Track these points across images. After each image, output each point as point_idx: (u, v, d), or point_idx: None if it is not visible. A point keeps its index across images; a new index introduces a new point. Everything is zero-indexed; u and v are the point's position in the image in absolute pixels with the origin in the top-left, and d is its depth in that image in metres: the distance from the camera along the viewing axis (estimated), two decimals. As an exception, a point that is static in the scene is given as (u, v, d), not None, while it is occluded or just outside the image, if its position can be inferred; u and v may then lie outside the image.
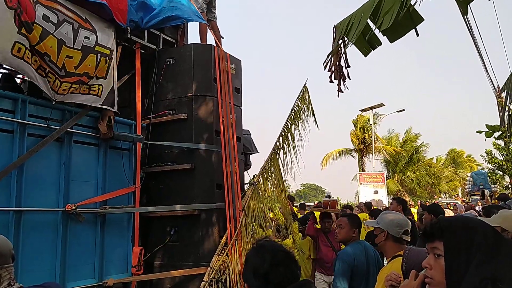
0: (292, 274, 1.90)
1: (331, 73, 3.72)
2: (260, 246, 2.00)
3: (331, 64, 3.68)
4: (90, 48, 4.83)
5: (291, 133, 6.74)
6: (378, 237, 3.17)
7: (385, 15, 2.96)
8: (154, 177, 5.85)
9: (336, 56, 3.62)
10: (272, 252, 1.93)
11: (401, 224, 3.13)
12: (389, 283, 2.43)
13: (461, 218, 1.56)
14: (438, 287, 1.48)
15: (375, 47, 3.73)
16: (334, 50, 3.60)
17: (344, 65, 3.67)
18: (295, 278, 1.90)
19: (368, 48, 3.73)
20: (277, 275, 1.86)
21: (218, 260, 5.32)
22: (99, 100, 5.07)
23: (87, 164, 5.08)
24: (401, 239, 3.10)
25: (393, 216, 3.24)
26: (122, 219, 5.43)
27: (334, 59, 3.65)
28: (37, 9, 4.21)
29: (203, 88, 5.90)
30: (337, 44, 3.55)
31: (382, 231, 3.14)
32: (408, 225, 3.18)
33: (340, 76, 3.70)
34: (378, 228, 3.17)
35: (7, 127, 4.30)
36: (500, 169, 23.36)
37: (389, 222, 3.13)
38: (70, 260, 4.72)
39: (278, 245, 2.04)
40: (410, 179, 33.39)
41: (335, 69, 3.67)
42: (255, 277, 1.88)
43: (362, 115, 31.83)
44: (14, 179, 4.28)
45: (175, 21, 5.94)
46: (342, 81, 3.73)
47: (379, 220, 3.20)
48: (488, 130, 5.76)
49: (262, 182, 6.23)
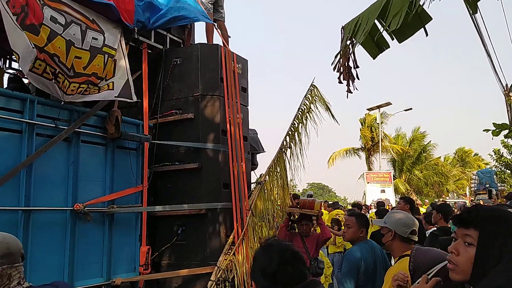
0: (300, 273, 1.89)
1: (340, 74, 3.71)
2: (268, 245, 2.00)
3: (339, 65, 3.67)
4: (98, 48, 4.86)
5: (298, 132, 6.73)
6: (385, 236, 3.17)
7: (394, 17, 2.95)
8: (161, 177, 5.88)
9: (344, 57, 3.61)
10: (280, 251, 1.92)
11: (409, 223, 3.12)
12: (396, 282, 2.43)
13: (502, 210, 1.49)
14: (460, 275, 1.44)
15: (383, 49, 3.72)
16: (342, 51, 3.59)
17: (353, 65, 3.66)
18: (302, 278, 1.89)
19: (376, 50, 3.72)
20: (285, 275, 1.85)
21: (225, 259, 5.33)
22: (114, 93, 5.09)
23: (95, 164, 5.11)
24: (409, 239, 3.10)
25: (401, 215, 3.23)
26: (130, 218, 5.46)
27: (342, 60, 3.64)
28: (44, 11, 4.24)
29: (209, 87, 5.91)
30: (345, 45, 3.55)
31: (389, 230, 3.13)
32: (415, 225, 3.17)
33: (349, 77, 3.69)
34: (385, 227, 3.17)
35: (15, 127, 4.34)
36: (508, 168, 23.15)
37: (397, 222, 3.13)
38: (78, 259, 4.75)
39: (286, 244, 2.03)
40: (417, 178, 33.23)
41: (344, 69, 3.66)
42: (263, 277, 1.89)
43: (370, 114, 31.75)
44: (23, 179, 4.32)
45: (181, 21, 5.95)
46: (351, 82, 3.72)
47: (387, 219, 3.20)
48: (496, 129, 5.71)
49: (269, 181, 6.23)
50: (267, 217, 5.91)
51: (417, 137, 35.16)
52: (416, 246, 2.60)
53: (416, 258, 2.32)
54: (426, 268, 2.15)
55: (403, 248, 3.03)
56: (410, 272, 2.35)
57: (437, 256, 2.19)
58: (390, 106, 28.23)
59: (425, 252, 2.35)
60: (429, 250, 2.42)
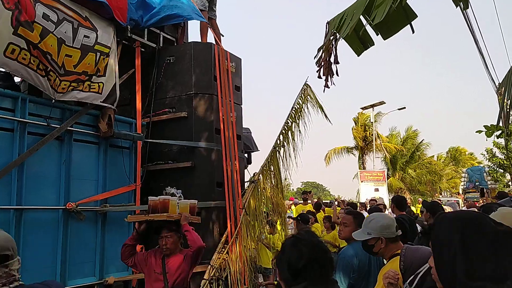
0: (326, 273, 1.84)
1: (320, 68, 3.71)
2: (298, 239, 1.92)
3: (321, 59, 3.67)
4: (90, 47, 4.84)
5: (291, 131, 6.74)
6: (376, 246, 3.09)
7: (377, 9, 2.95)
8: (155, 176, 5.85)
9: (326, 51, 3.61)
10: (311, 247, 1.86)
11: (391, 224, 3.10)
12: (387, 280, 2.43)
13: (452, 214, 1.50)
14: (439, 284, 1.45)
15: (368, 46, 3.72)
16: (325, 45, 3.59)
17: (334, 61, 3.66)
18: (327, 277, 1.84)
19: (361, 47, 3.72)
20: (311, 273, 1.80)
21: (218, 258, 5.33)
22: (101, 97, 5.07)
23: (88, 163, 5.09)
24: (397, 237, 3.10)
25: (380, 220, 3.15)
26: (123, 217, 5.43)
27: (324, 54, 3.64)
28: (37, 8, 4.21)
29: (203, 86, 5.90)
30: (328, 40, 3.55)
31: (378, 238, 3.10)
32: (394, 220, 3.17)
33: (329, 72, 3.69)
34: (372, 238, 3.13)
35: (7, 125, 4.31)
36: (501, 167, 23.32)
37: (381, 228, 3.08)
38: (70, 258, 4.73)
39: (318, 240, 1.95)
40: (411, 177, 33.36)
41: (325, 64, 3.66)
42: (288, 270, 1.83)
43: (363, 113, 31.83)
44: (15, 178, 4.30)
45: (175, 20, 5.93)
46: (330, 77, 3.73)
47: (369, 230, 3.11)
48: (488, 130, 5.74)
49: (262, 180, 6.23)
50: (260, 215, 5.91)
51: (410, 136, 35.30)
52: (406, 245, 2.59)
53: (406, 257, 2.32)
54: (416, 267, 2.15)
55: (394, 248, 3.03)
56: (401, 272, 2.35)
57: (427, 254, 2.19)
58: (384, 105, 28.36)
59: (415, 251, 2.35)
60: (418, 248, 2.42)
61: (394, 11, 2.97)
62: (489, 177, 22.64)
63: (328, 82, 3.75)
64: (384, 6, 2.89)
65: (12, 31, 4.01)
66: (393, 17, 3.10)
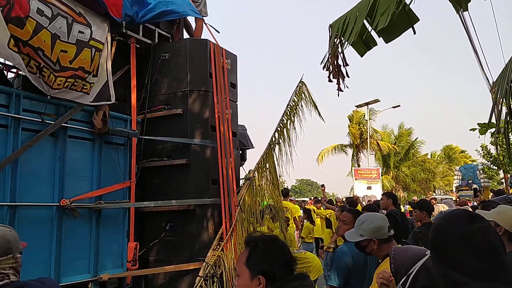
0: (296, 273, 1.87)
1: (329, 72, 3.71)
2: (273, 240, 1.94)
3: (329, 63, 3.66)
4: (85, 42, 4.80)
5: (286, 128, 6.75)
6: (368, 246, 3.11)
7: (381, 16, 2.96)
8: (149, 172, 5.84)
9: (333, 56, 3.61)
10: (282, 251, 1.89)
11: (383, 225, 3.10)
12: (380, 281, 2.43)
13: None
14: None
15: (370, 47, 3.73)
16: (331, 50, 3.59)
17: (342, 63, 3.66)
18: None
19: (364, 48, 3.73)
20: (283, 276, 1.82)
21: (213, 255, 5.32)
22: (89, 98, 5.03)
23: (82, 159, 5.06)
24: (390, 237, 3.11)
25: (372, 221, 3.15)
26: (117, 214, 5.42)
27: (331, 58, 3.64)
28: (31, 2, 4.17)
29: (198, 83, 5.88)
30: (333, 44, 3.55)
31: (370, 240, 3.11)
32: (387, 221, 3.17)
33: (339, 75, 3.69)
34: (364, 240, 3.14)
35: (1, 121, 4.28)
36: (495, 164, 23.39)
37: (373, 229, 3.08)
38: (65, 255, 4.71)
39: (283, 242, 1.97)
40: (404, 174, 33.49)
41: (333, 68, 3.66)
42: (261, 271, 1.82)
43: (358, 110, 31.92)
44: (9, 174, 4.26)
45: (170, 16, 5.91)
46: (341, 80, 3.72)
47: (361, 231, 3.12)
48: (482, 127, 5.78)
49: (258, 177, 6.23)
50: (255, 213, 5.91)
51: (404, 134, 35.42)
52: (394, 247, 2.55)
53: (395, 260, 2.28)
54: (407, 268, 2.13)
55: (387, 249, 3.01)
56: (392, 274, 2.33)
57: (416, 254, 2.17)
58: (378, 103, 28.44)
59: (403, 251, 2.31)
60: (407, 249, 2.37)
61: (397, 16, 2.97)
62: (483, 174, 22.71)
63: (340, 86, 3.74)
64: (387, 12, 2.89)
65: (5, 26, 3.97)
66: (395, 21, 3.10)
